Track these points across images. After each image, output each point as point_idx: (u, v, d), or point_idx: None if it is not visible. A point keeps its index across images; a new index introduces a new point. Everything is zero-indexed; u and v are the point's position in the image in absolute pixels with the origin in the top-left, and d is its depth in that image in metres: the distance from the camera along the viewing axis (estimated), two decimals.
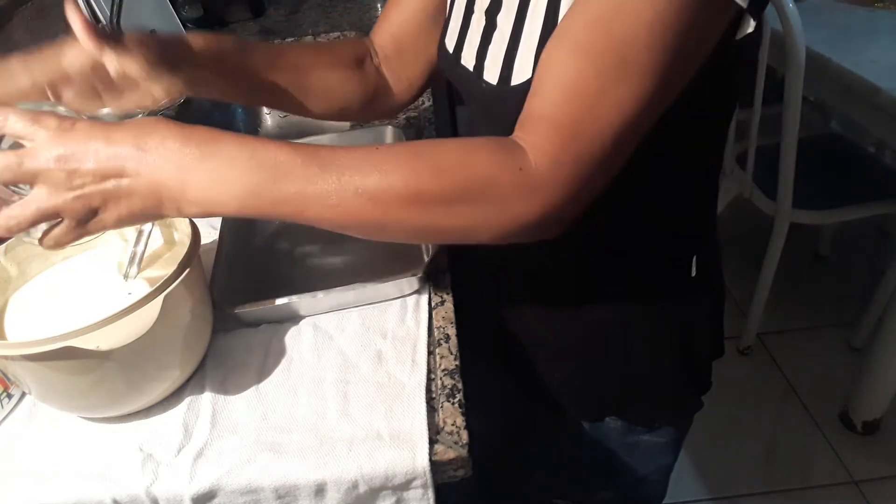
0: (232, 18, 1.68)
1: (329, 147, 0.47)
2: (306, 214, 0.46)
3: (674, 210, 0.63)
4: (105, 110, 0.58)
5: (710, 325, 0.74)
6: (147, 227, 0.63)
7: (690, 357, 0.72)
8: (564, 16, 0.49)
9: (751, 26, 0.50)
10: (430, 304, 0.69)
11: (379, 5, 1.67)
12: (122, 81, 0.58)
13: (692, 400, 0.75)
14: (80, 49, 0.57)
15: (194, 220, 0.62)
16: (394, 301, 0.70)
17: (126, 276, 0.63)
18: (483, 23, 0.61)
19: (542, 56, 0.49)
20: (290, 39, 1.56)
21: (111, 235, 0.69)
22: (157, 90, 0.60)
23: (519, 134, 0.48)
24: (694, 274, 0.67)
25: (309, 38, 1.56)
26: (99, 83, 0.58)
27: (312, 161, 0.45)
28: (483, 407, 0.81)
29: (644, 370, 0.71)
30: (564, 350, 0.72)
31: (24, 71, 0.57)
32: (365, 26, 1.57)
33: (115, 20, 1.21)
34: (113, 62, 0.56)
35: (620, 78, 0.45)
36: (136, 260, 0.63)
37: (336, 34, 1.56)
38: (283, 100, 0.71)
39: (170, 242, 0.68)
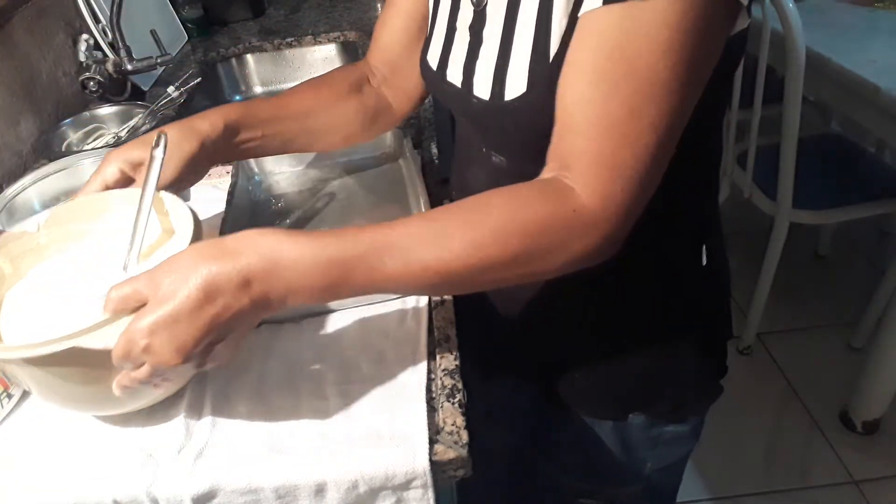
0: (232, 18, 1.68)
1: (388, 228, 0.49)
2: (379, 291, 0.50)
3: (682, 201, 0.63)
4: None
5: (722, 309, 0.74)
6: (143, 216, 0.61)
7: (708, 342, 0.73)
8: (574, 47, 0.49)
9: (746, 21, 0.51)
10: (430, 304, 0.69)
11: (378, 5, 1.67)
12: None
13: (712, 385, 0.75)
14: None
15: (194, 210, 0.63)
16: (394, 301, 0.70)
17: (125, 268, 0.62)
18: (468, 39, 0.61)
19: (562, 91, 0.50)
20: (289, 39, 1.56)
21: (107, 226, 0.67)
22: (186, 185, 0.68)
23: (562, 173, 0.49)
24: (705, 262, 0.68)
25: (309, 37, 1.56)
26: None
27: (377, 252, 0.47)
28: (504, 414, 0.81)
29: (664, 361, 0.71)
30: (585, 350, 0.72)
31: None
32: (365, 26, 1.57)
33: (115, 20, 1.21)
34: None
35: (647, 101, 0.46)
36: (135, 250, 0.62)
37: (336, 34, 1.56)
38: (292, 146, 0.76)
39: (168, 231, 0.67)
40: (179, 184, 0.66)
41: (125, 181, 0.65)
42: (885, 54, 1.46)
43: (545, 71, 0.53)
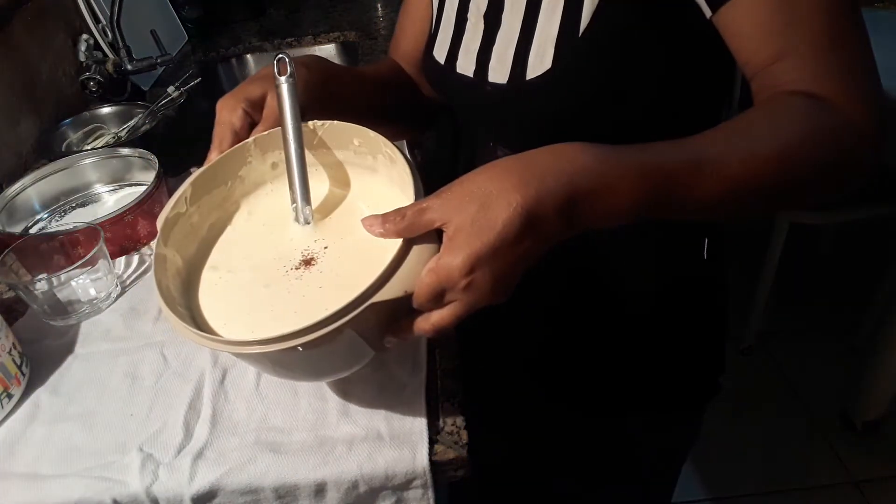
0: (232, 18, 1.68)
1: (699, 140, 0.45)
2: (685, 210, 0.45)
3: None
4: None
5: (720, 306, 0.75)
6: (296, 155, 0.52)
7: (705, 338, 0.73)
8: (733, 11, 0.49)
9: None
10: None
11: (379, 5, 1.67)
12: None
13: (710, 382, 0.76)
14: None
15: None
16: None
17: (302, 221, 0.53)
18: (482, 26, 0.62)
19: (742, 35, 0.50)
20: (289, 39, 1.56)
21: (252, 182, 0.58)
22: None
23: (812, 93, 0.47)
24: (705, 257, 0.68)
25: (309, 37, 1.56)
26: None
27: (695, 164, 0.43)
28: (498, 415, 0.81)
29: (662, 357, 0.71)
30: (582, 346, 0.72)
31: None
32: (365, 26, 1.57)
33: (115, 20, 1.21)
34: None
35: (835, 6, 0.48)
36: (303, 198, 0.52)
37: (336, 34, 1.56)
38: (368, 118, 0.73)
39: (334, 165, 0.57)
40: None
41: (252, 125, 0.58)
42: (885, 54, 1.45)
43: (574, 47, 0.54)
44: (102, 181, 0.96)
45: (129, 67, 1.26)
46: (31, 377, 0.65)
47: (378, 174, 0.55)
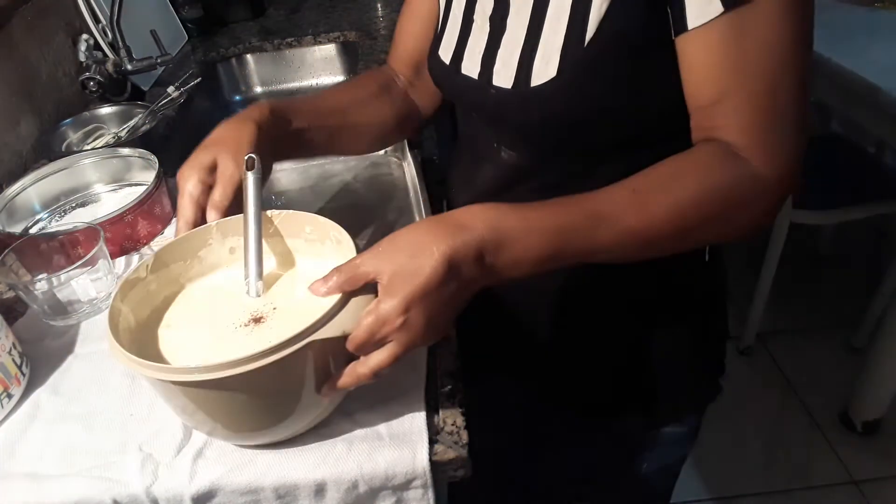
0: (232, 18, 1.68)
1: (596, 198, 0.50)
2: (587, 260, 0.51)
3: None
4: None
5: (720, 308, 0.75)
6: (254, 239, 0.57)
7: (705, 340, 0.73)
8: (689, 44, 0.52)
9: None
10: None
11: (379, 5, 1.67)
12: None
13: (710, 384, 0.76)
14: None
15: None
16: None
17: (253, 294, 0.57)
18: (487, 28, 0.61)
19: (690, 70, 0.53)
20: (289, 39, 1.56)
21: (210, 262, 0.63)
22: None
23: (732, 142, 0.51)
24: (707, 259, 0.69)
25: (309, 37, 1.56)
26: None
27: (592, 221, 0.49)
28: (494, 414, 0.81)
29: (662, 358, 0.71)
30: (580, 346, 0.72)
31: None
32: (365, 26, 1.57)
33: (115, 20, 1.21)
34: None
35: (779, 61, 0.50)
36: (255, 275, 0.57)
37: (336, 34, 1.56)
38: (336, 143, 0.74)
39: (283, 253, 0.63)
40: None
41: (208, 191, 0.62)
42: (886, 55, 1.46)
43: (579, 55, 0.54)
44: (102, 181, 0.96)
45: (129, 67, 1.26)
46: (31, 377, 0.65)
47: (324, 259, 0.59)
